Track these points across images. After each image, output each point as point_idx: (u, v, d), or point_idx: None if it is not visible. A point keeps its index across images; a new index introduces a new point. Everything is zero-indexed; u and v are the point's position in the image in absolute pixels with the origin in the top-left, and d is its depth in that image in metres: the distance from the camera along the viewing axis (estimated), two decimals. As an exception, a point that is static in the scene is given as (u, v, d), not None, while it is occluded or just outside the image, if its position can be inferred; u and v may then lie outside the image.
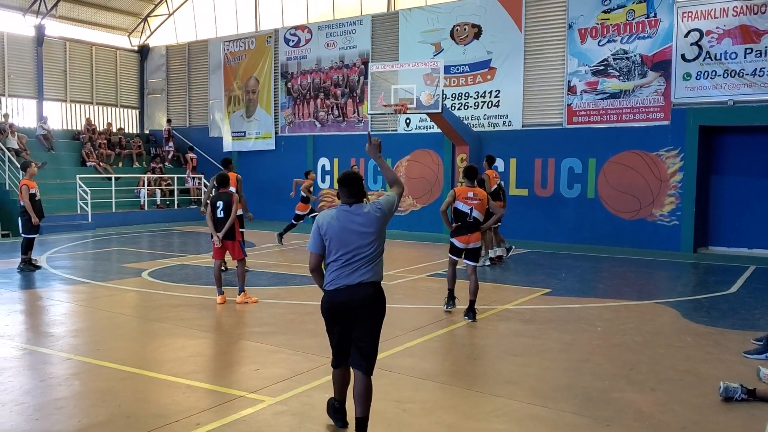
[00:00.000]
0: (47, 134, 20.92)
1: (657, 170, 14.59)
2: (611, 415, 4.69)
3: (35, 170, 11.78)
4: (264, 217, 20.69)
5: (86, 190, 18.40)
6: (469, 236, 7.62)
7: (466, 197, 7.61)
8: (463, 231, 7.63)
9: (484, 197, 7.68)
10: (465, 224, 7.61)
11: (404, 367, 5.83)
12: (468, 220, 7.60)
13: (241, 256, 8.74)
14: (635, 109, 14.86)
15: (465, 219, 7.60)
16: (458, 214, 7.63)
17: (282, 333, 6.99)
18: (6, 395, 5.03)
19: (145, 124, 25.70)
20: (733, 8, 13.59)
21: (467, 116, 17.19)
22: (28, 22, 21.96)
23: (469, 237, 7.62)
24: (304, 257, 13.12)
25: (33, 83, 22.19)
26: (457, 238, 7.67)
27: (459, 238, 7.66)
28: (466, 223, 7.61)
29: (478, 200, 7.61)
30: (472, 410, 4.79)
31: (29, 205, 10.99)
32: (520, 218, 16.15)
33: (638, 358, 6.14)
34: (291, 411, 4.72)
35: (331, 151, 20.02)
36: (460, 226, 7.64)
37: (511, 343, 6.73)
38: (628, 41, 14.88)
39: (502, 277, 10.84)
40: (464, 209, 7.58)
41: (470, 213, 7.58)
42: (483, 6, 16.94)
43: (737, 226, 14.30)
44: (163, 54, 24.82)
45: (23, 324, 7.67)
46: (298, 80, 20.78)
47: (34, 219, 11.01)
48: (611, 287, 10.29)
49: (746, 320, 7.73)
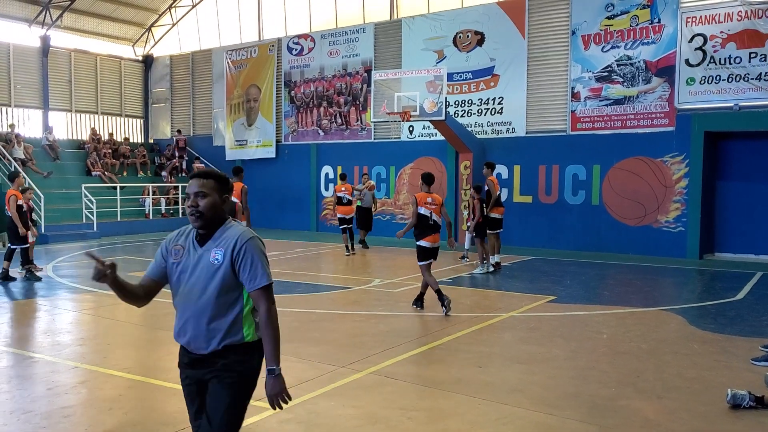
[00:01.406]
0: (52, 144, 21.02)
1: (662, 176, 14.55)
2: (618, 423, 4.66)
3: (23, 181, 11.95)
4: (266, 226, 20.72)
5: (91, 200, 18.47)
6: (434, 237, 8.35)
7: (426, 202, 8.32)
8: (428, 232, 8.29)
9: (440, 202, 8.44)
10: (428, 227, 8.28)
11: (409, 375, 5.81)
12: (429, 223, 8.30)
13: None
14: (639, 115, 14.84)
15: (427, 222, 8.30)
16: (421, 218, 8.32)
17: (287, 341, 6.91)
18: (13, 404, 5.04)
19: (150, 133, 25.81)
20: (737, 12, 13.58)
21: (471, 123, 17.20)
22: (34, 33, 22.12)
23: (434, 237, 8.34)
24: (308, 265, 13.14)
25: (39, 93, 22.32)
26: (425, 239, 8.28)
27: (427, 238, 8.28)
28: (428, 226, 8.29)
29: (435, 205, 8.36)
30: (478, 418, 4.76)
31: (16, 216, 10.98)
32: (525, 225, 16.13)
33: (645, 365, 6.11)
34: (297, 419, 4.71)
35: (334, 159, 20.05)
36: (424, 228, 8.27)
37: (516, 350, 6.71)
38: (632, 47, 14.88)
39: (507, 284, 10.81)
40: (426, 213, 8.31)
41: (431, 216, 8.31)
42: (486, 13, 16.98)
43: (743, 232, 14.23)
44: (167, 64, 24.94)
45: (29, 333, 7.68)
46: (301, 89, 20.84)
47: (21, 230, 10.98)
48: (617, 294, 10.25)
49: (754, 327, 7.68)
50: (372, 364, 6.06)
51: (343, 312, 8.48)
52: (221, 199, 2.98)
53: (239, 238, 2.92)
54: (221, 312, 2.91)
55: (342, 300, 9.41)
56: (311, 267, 12.98)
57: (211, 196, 2.94)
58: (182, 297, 2.98)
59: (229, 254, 2.89)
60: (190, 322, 2.94)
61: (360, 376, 5.71)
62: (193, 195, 2.94)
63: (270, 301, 2.96)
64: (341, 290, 10.18)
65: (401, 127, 18.37)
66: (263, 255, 2.99)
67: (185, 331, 2.97)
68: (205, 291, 2.90)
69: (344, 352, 6.46)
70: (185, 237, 3.08)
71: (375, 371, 5.84)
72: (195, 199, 2.93)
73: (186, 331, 2.97)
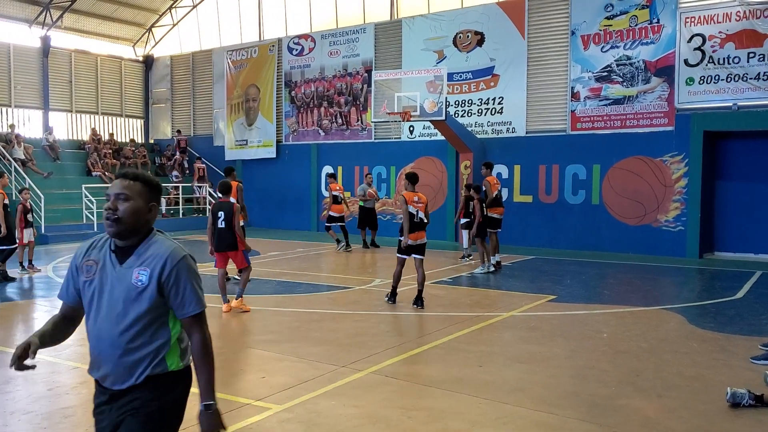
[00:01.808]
0: (53, 144, 21.04)
1: (662, 176, 14.56)
2: (618, 422, 4.68)
3: (6, 181, 12.17)
4: (267, 226, 20.74)
5: (92, 200, 18.49)
6: (418, 234, 8.69)
7: (413, 201, 8.69)
8: (412, 229, 8.65)
9: (425, 201, 8.87)
10: (413, 224, 8.64)
11: (409, 374, 5.83)
12: (415, 221, 8.66)
13: (245, 265, 8.75)
14: (639, 114, 14.86)
15: (413, 219, 8.66)
16: (408, 216, 8.67)
17: (287, 341, 7.00)
18: (14, 404, 5.05)
19: (150, 133, 25.83)
20: (735, 12, 13.60)
21: (471, 123, 17.22)
22: (34, 34, 22.13)
23: (418, 234, 8.68)
24: (308, 265, 13.15)
25: (39, 94, 22.33)
26: (410, 235, 8.62)
27: (411, 235, 8.62)
28: (414, 224, 8.65)
29: (422, 203, 8.78)
30: (478, 417, 4.77)
31: (1, 215, 10.95)
32: (525, 225, 16.15)
33: (644, 364, 6.12)
34: (297, 419, 4.72)
35: (335, 159, 20.06)
36: (410, 225, 8.62)
37: (516, 349, 6.72)
38: (631, 47, 14.89)
39: (507, 284, 10.82)
40: (413, 211, 8.67)
41: (417, 214, 8.69)
42: (486, 13, 17.00)
43: (743, 231, 14.24)
44: (168, 64, 24.96)
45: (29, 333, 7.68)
46: (301, 89, 20.85)
47: (3, 230, 10.92)
48: (617, 293, 10.26)
49: (753, 326, 7.70)
50: (372, 363, 6.07)
51: (344, 312, 8.50)
52: (147, 207, 2.55)
53: (169, 258, 2.50)
54: (144, 341, 2.49)
55: (342, 300, 9.43)
56: (312, 267, 13.00)
57: (134, 200, 2.51)
58: (96, 323, 2.54)
59: (157, 276, 2.48)
60: (106, 352, 2.50)
61: (360, 375, 5.73)
62: (114, 197, 2.51)
63: (204, 329, 2.57)
64: (342, 290, 10.19)
65: (402, 127, 18.38)
66: (196, 276, 2.58)
67: (99, 364, 2.54)
68: (125, 317, 2.48)
69: (345, 352, 6.47)
70: (98, 250, 2.60)
71: (375, 371, 5.86)
72: (115, 201, 2.50)
73: (100, 363, 2.53)
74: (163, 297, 2.51)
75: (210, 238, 8.60)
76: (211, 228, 8.53)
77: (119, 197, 2.51)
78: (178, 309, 2.54)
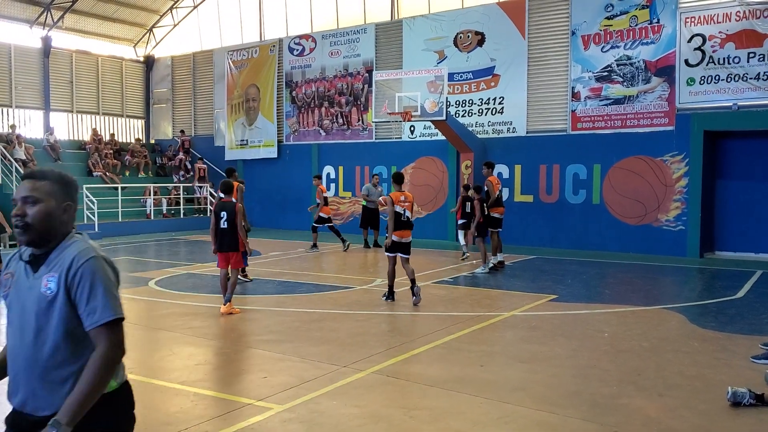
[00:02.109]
0: (53, 145, 21.06)
1: (662, 175, 14.57)
2: (619, 421, 4.69)
3: None
4: (268, 226, 20.75)
5: (93, 200, 18.49)
6: (404, 232, 8.91)
7: (400, 200, 8.88)
8: (399, 227, 8.86)
9: (411, 200, 9.09)
10: (400, 222, 8.85)
11: (411, 374, 5.84)
12: (402, 220, 8.88)
13: (241, 265, 8.74)
14: (639, 114, 14.87)
15: (400, 218, 8.87)
16: (396, 215, 8.88)
17: (289, 341, 7.01)
18: (16, 404, 5.06)
19: (151, 134, 25.85)
20: (735, 13, 13.60)
21: (471, 123, 17.23)
22: (35, 34, 22.14)
23: (404, 233, 8.91)
24: (309, 265, 13.16)
25: (40, 94, 22.35)
26: (396, 233, 8.84)
27: (396, 233, 8.84)
28: (401, 222, 8.86)
29: (408, 202, 8.98)
30: (480, 417, 4.78)
31: None
32: (526, 224, 16.16)
33: (645, 363, 6.13)
34: (299, 419, 4.73)
35: (335, 159, 20.08)
36: (396, 224, 8.83)
37: (518, 349, 6.73)
38: (632, 47, 14.90)
39: (508, 283, 10.83)
40: (400, 210, 8.88)
41: (404, 213, 8.90)
42: (486, 14, 17.01)
43: (743, 230, 14.25)
44: (169, 64, 24.97)
45: None
46: (302, 89, 20.86)
47: (8, 230, 10.94)
48: (618, 293, 10.27)
49: (754, 325, 7.70)
50: (374, 363, 6.08)
51: (345, 312, 8.51)
52: (60, 208, 2.25)
53: (76, 258, 2.17)
54: (64, 357, 2.17)
55: (344, 300, 9.44)
56: (313, 267, 13.01)
57: (44, 202, 2.22)
58: (11, 341, 2.24)
59: (63, 280, 2.16)
60: (23, 375, 2.19)
61: (362, 375, 5.74)
62: (21, 201, 2.23)
63: (112, 344, 2.15)
64: (343, 290, 10.20)
65: (402, 127, 18.39)
66: (108, 280, 2.19)
67: (17, 389, 2.23)
68: (39, 333, 2.16)
69: (346, 352, 6.48)
70: (17, 261, 2.32)
71: (377, 370, 5.87)
72: (22, 206, 2.22)
73: (18, 387, 2.22)
74: (73, 305, 2.17)
75: (213, 238, 8.61)
76: (214, 228, 8.54)
77: (27, 201, 2.22)
78: (88, 318, 2.15)
